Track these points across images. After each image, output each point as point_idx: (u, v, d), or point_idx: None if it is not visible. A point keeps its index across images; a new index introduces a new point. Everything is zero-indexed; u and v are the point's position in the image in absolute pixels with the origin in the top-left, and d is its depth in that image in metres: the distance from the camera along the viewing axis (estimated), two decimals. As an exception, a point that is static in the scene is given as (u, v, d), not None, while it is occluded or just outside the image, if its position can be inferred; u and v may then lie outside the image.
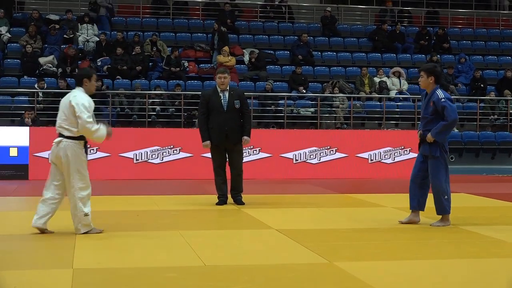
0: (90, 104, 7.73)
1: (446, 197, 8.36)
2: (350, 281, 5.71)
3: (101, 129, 7.70)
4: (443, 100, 8.23)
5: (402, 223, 8.56)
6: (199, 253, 6.64)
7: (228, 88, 10.27)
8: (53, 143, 7.71)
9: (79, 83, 7.85)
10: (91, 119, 7.63)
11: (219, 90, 10.24)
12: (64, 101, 7.73)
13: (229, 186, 10.43)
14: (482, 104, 19.07)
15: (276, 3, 23.56)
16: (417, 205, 8.53)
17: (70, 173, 7.58)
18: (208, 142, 10.17)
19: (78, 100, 7.65)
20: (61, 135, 7.68)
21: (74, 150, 7.60)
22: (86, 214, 7.69)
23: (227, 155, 10.33)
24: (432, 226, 8.38)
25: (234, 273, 5.93)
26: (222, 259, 6.54)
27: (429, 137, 8.28)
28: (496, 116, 19.15)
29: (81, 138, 7.67)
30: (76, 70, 18.57)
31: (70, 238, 7.42)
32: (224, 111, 10.16)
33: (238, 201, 10.37)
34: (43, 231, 7.76)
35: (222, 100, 10.19)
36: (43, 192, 7.79)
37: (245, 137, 10.25)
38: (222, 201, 10.36)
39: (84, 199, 7.69)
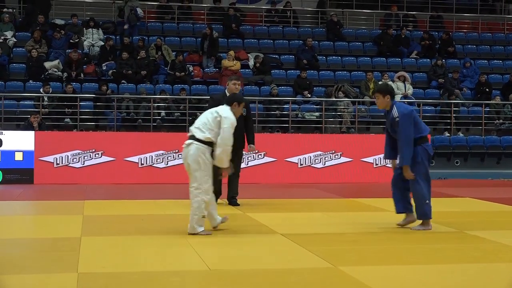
0: (234, 124, 7.95)
1: (427, 201, 8.39)
2: (354, 285, 5.70)
3: (229, 155, 7.89)
4: (397, 119, 8.29)
5: (400, 225, 8.58)
6: (204, 258, 6.64)
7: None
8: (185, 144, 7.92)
9: (229, 104, 8.22)
10: (231, 138, 7.84)
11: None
12: (210, 111, 8.04)
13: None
14: (487, 109, 19.04)
15: (281, 7, 23.59)
16: (402, 208, 8.59)
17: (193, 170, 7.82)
18: None
19: (228, 115, 7.96)
20: (192, 137, 7.86)
21: (203, 153, 7.81)
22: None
23: None
24: (413, 230, 8.40)
25: (238, 277, 5.93)
26: (227, 263, 6.54)
27: (406, 170, 8.27)
28: (501, 121, 19.12)
29: (210, 144, 7.84)
30: (81, 75, 18.65)
31: (74, 242, 7.42)
32: None
33: (234, 203, 10.80)
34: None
35: None
36: None
37: (252, 145, 10.73)
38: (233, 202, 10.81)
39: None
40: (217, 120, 7.87)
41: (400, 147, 8.28)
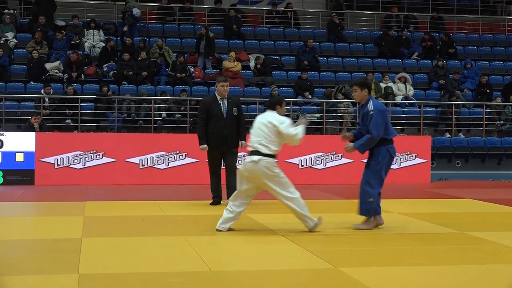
0: (290, 123, 8.21)
1: (371, 200, 8.50)
2: (355, 286, 5.71)
3: (300, 130, 8.19)
4: (371, 112, 8.42)
5: (358, 228, 8.62)
6: (205, 259, 6.65)
7: (226, 96, 10.94)
8: (248, 159, 8.15)
9: (273, 108, 8.34)
10: (289, 127, 8.11)
11: (218, 97, 10.95)
12: (261, 122, 8.19)
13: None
14: (488, 110, 19.04)
15: (282, 8, 23.60)
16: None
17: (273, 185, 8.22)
18: (206, 146, 10.89)
19: (280, 119, 8.17)
20: (258, 152, 8.11)
21: (274, 166, 8.20)
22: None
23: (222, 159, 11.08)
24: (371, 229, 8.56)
25: (239, 278, 5.94)
26: (227, 264, 6.54)
27: (351, 147, 8.50)
28: (502, 122, 19.12)
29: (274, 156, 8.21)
30: (82, 76, 18.66)
31: (75, 243, 7.43)
32: (224, 117, 10.87)
33: None
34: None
35: (222, 107, 10.89)
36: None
37: (243, 141, 10.94)
38: (216, 201, 11.08)
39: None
40: (274, 130, 8.08)
41: (367, 138, 8.43)
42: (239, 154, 11.30)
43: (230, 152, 10.97)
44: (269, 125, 8.09)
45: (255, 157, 8.06)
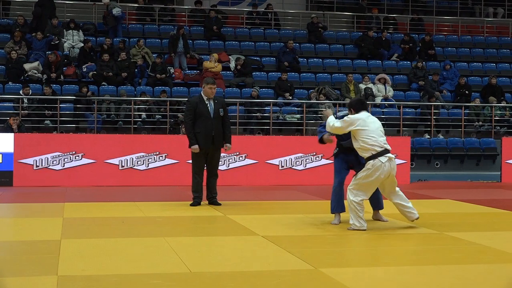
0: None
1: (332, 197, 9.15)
2: (335, 287, 5.71)
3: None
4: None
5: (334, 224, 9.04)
6: (185, 260, 6.63)
7: (212, 97, 10.98)
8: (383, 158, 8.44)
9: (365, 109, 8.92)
10: None
11: (205, 98, 10.97)
12: (376, 121, 8.84)
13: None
14: (467, 111, 19.16)
15: (262, 9, 23.61)
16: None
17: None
18: (197, 146, 10.81)
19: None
20: (388, 151, 8.53)
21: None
22: None
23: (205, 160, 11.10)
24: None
25: (219, 279, 5.93)
26: (207, 265, 6.53)
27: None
28: (481, 123, 19.24)
29: None
30: (61, 76, 18.54)
31: (54, 244, 7.38)
32: (211, 117, 10.89)
33: (215, 203, 11.08)
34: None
35: (209, 108, 10.90)
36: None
37: (229, 145, 11.08)
38: (197, 202, 11.04)
39: None
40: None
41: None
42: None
43: (216, 154, 11.04)
44: (378, 124, 8.74)
45: (390, 155, 8.49)
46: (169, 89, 18.66)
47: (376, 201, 9.27)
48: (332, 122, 8.75)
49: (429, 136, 18.53)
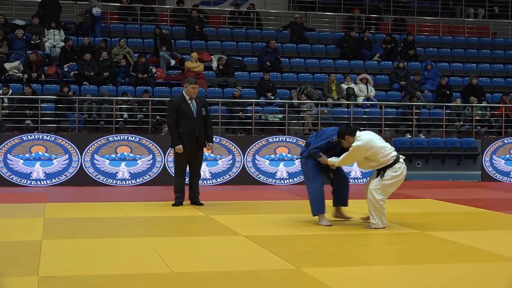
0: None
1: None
2: (317, 286, 5.72)
3: None
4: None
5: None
6: (167, 260, 6.62)
7: (194, 96, 10.95)
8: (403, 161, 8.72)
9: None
10: None
11: (187, 98, 10.91)
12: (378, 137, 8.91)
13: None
14: (448, 111, 19.27)
15: (245, 9, 23.61)
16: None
17: None
18: (181, 146, 10.75)
19: None
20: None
21: None
22: None
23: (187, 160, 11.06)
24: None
25: (201, 280, 5.92)
26: (189, 265, 6.52)
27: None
28: (462, 123, 19.36)
29: None
30: (42, 76, 18.44)
31: (35, 245, 7.33)
32: (194, 117, 10.84)
33: (198, 203, 11.03)
34: None
35: (192, 108, 10.85)
36: None
37: (211, 144, 11.13)
38: (179, 202, 10.98)
39: None
40: None
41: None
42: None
43: (199, 154, 11.04)
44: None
45: (403, 157, 8.78)
46: (151, 89, 18.61)
47: (340, 197, 9.23)
48: (341, 158, 8.67)
49: (410, 136, 18.61)
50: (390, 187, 8.61)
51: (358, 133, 8.64)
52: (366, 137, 8.57)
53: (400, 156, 8.68)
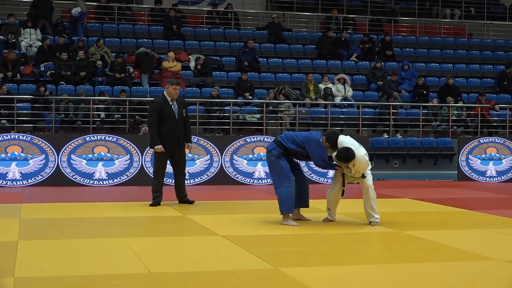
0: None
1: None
2: (295, 286, 5.73)
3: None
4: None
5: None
6: (144, 260, 6.59)
7: (176, 97, 10.99)
8: None
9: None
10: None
11: (169, 99, 10.91)
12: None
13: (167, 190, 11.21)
14: (425, 111, 19.37)
15: (222, 9, 23.59)
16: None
17: None
18: (161, 146, 10.75)
19: None
20: None
21: None
22: None
23: (169, 160, 11.07)
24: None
25: (179, 280, 5.90)
26: (167, 266, 6.50)
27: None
28: (438, 123, 19.48)
29: None
30: (18, 75, 18.29)
31: (11, 246, 7.27)
32: (176, 119, 10.86)
33: (188, 201, 11.12)
34: None
35: (173, 109, 10.87)
36: None
37: (191, 144, 11.19)
38: (156, 202, 10.98)
39: None
40: None
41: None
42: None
43: (181, 153, 11.07)
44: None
45: None
46: (129, 89, 18.53)
47: (301, 198, 9.23)
48: (358, 170, 8.86)
49: (387, 136, 18.69)
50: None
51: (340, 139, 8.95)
52: (357, 154, 8.80)
53: None
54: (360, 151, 8.82)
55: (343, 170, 8.88)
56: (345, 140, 8.90)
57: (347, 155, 8.69)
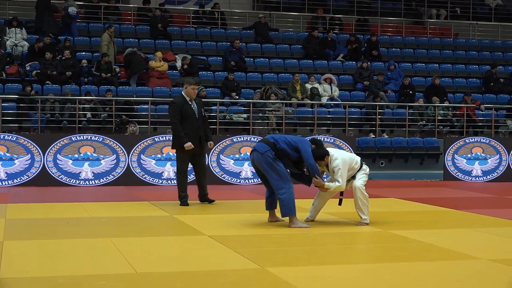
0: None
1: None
2: (282, 286, 5.73)
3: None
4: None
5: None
6: (130, 260, 6.57)
7: (194, 97, 11.11)
8: None
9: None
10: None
11: (187, 99, 10.99)
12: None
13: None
14: (411, 111, 19.44)
15: (209, 9, 23.57)
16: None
17: None
18: (190, 143, 10.80)
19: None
20: None
21: None
22: None
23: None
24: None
25: (166, 280, 5.89)
26: (153, 266, 6.48)
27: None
28: (424, 122, 19.55)
29: None
30: (3, 75, 18.20)
31: (-3, 246, 7.24)
32: (196, 118, 10.96)
33: (209, 200, 11.28)
34: None
35: (193, 108, 10.97)
36: None
37: (211, 142, 11.40)
38: (185, 201, 11.04)
39: None
40: None
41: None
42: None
43: (202, 152, 11.20)
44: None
45: None
46: (115, 88, 18.48)
47: (270, 198, 9.17)
48: (338, 184, 8.83)
49: (374, 136, 18.75)
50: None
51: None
52: (338, 153, 8.95)
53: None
54: (344, 153, 9.05)
55: (321, 184, 8.86)
56: (332, 150, 9.07)
57: (319, 152, 8.84)
